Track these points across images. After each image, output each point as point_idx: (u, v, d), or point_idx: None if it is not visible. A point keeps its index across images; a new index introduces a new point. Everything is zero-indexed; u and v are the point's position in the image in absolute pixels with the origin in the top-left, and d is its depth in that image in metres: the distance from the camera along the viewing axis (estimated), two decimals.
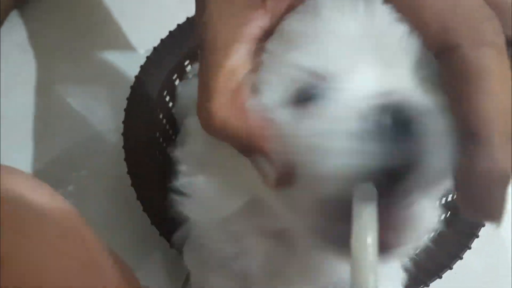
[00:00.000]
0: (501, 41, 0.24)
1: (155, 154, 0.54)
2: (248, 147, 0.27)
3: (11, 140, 0.64)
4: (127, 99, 0.55)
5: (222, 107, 0.27)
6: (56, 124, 0.66)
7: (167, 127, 0.60)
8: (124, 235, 0.60)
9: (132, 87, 0.56)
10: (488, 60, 0.24)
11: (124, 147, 0.52)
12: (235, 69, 0.28)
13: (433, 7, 0.25)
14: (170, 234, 0.41)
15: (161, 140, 0.57)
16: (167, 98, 0.60)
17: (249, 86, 0.28)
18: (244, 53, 0.28)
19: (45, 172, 0.63)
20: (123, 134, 0.53)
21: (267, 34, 0.29)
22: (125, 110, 0.55)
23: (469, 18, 0.24)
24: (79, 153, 0.64)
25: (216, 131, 0.28)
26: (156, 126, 0.56)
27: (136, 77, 0.56)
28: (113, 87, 0.68)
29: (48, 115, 0.66)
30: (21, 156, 0.64)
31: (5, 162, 0.61)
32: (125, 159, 0.50)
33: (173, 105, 0.61)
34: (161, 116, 0.58)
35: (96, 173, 0.63)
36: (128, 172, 0.50)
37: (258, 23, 0.28)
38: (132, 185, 0.50)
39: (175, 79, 0.60)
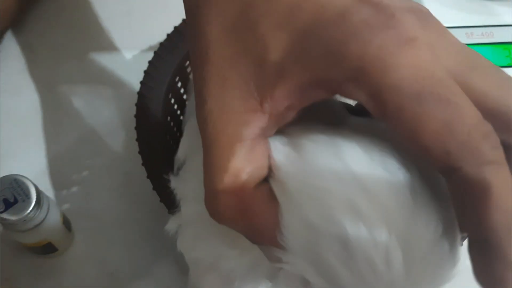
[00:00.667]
0: (499, 156, 0.26)
1: (165, 138, 0.56)
2: (254, 241, 0.31)
3: (18, 138, 0.65)
4: (141, 82, 0.58)
5: (227, 210, 0.30)
6: (63, 121, 0.66)
7: (178, 112, 0.62)
8: (135, 231, 0.61)
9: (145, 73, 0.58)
10: (489, 176, 0.26)
11: (136, 128, 0.55)
12: (238, 171, 0.30)
13: (434, 132, 0.26)
14: None
15: (172, 124, 0.60)
16: (179, 84, 0.62)
17: (253, 183, 0.31)
18: (246, 153, 0.30)
19: (52, 169, 0.63)
20: (135, 115, 0.56)
21: (266, 131, 0.31)
22: (138, 93, 0.58)
23: (467, 140, 0.26)
24: (86, 150, 0.65)
25: (225, 225, 0.31)
26: (167, 110, 0.58)
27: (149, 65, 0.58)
28: (119, 86, 0.68)
29: (55, 112, 0.67)
30: (27, 154, 0.64)
31: (12, 159, 0.62)
32: (137, 139, 0.54)
33: (184, 91, 0.63)
34: (172, 101, 0.60)
35: (104, 170, 0.64)
36: (140, 152, 0.54)
37: (257, 124, 0.30)
38: (143, 164, 0.53)
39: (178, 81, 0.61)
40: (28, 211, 0.49)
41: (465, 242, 0.29)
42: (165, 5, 0.74)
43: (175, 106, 0.62)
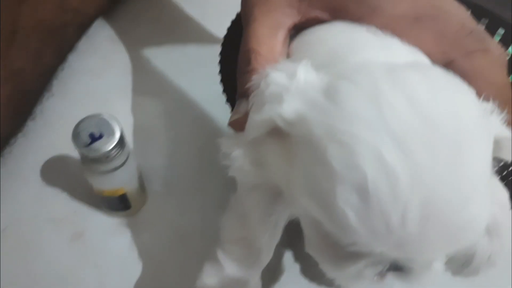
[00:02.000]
0: (483, 45, 0.35)
1: None
2: (247, 74, 0.37)
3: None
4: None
5: (255, 65, 0.37)
6: (140, 102, 0.68)
7: None
8: (206, 199, 0.60)
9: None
10: (476, 62, 0.35)
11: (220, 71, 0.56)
12: (272, 46, 0.38)
13: (432, 41, 0.36)
14: None
15: None
16: None
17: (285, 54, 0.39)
18: (282, 37, 0.39)
19: (131, 137, 0.65)
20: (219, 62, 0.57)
21: (296, 27, 0.40)
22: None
23: (455, 38, 0.35)
24: (163, 123, 0.66)
25: (245, 54, 0.38)
26: None
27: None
28: (197, 71, 0.70)
29: (135, 94, 0.69)
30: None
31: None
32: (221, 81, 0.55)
33: None
34: None
35: (178, 143, 0.64)
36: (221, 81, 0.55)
37: (292, 19, 0.39)
38: (224, 91, 0.54)
39: None
40: (112, 146, 0.49)
41: None
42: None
43: None
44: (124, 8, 0.76)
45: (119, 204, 0.57)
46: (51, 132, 0.65)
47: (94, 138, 0.50)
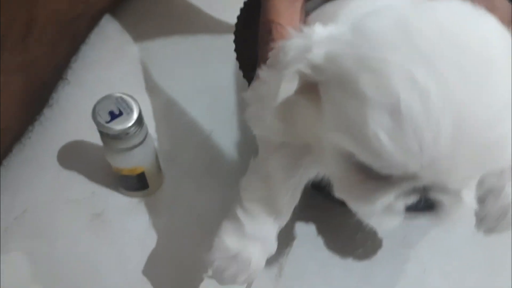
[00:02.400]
0: (491, 3, 0.34)
1: None
2: (268, 43, 0.39)
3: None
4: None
5: (275, 34, 0.39)
6: (157, 88, 0.70)
7: None
8: (221, 180, 0.62)
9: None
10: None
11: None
12: (291, 15, 0.39)
13: None
14: None
15: None
16: None
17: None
18: (299, 8, 0.40)
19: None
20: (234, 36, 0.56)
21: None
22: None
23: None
24: (176, 109, 0.67)
25: (265, 25, 0.40)
26: None
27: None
28: (209, 60, 0.72)
29: (151, 81, 0.70)
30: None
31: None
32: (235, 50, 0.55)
33: None
34: None
35: (192, 126, 0.66)
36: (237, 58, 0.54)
37: None
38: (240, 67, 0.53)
39: None
40: (131, 124, 0.51)
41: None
42: None
43: None
44: (134, 0, 0.78)
45: (137, 183, 0.58)
46: (67, 119, 0.66)
47: (113, 116, 0.51)
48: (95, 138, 0.63)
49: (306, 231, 0.58)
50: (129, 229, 0.59)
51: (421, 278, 0.56)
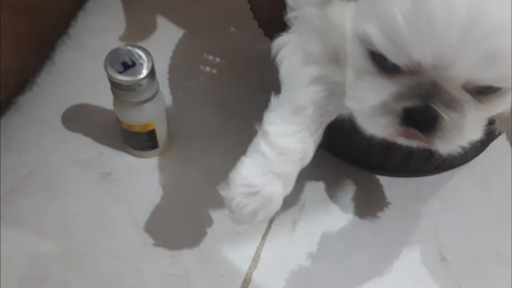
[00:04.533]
0: None
1: None
2: None
3: None
4: None
5: None
6: (164, 53, 0.68)
7: None
8: (229, 140, 0.61)
9: None
10: None
11: None
12: None
13: None
14: None
15: None
16: None
17: None
18: None
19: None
20: None
21: None
22: None
23: None
24: (179, 74, 0.66)
25: None
26: None
27: None
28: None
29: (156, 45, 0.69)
30: None
31: None
32: None
33: None
34: None
35: (201, 90, 0.65)
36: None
37: None
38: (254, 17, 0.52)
39: None
40: (145, 75, 0.50)
41: None
42: None
43: None
44: None
45: (147, 141, 0.57)
46: (71, 81, 0.65)
47: (127, 67, 0.50)
48: (100, 101, 0.64)
49: (317, 190, 0.58)
50: (139, 187, 0.58)
51: (433, 232, 0.56)
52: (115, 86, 0.51)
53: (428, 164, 0.57)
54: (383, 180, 0.59)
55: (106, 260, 0.53)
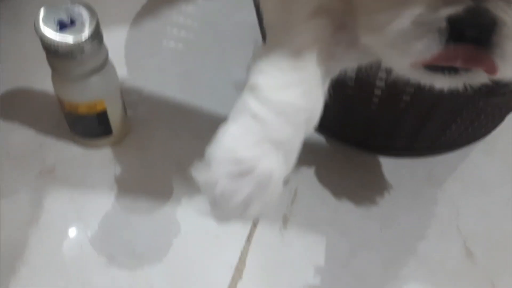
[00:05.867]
0: None
1: None
2: None
3: None
4: None
5: None
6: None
7: None
8: (200, 120, 0.51)
9: None
10: None
11: None
12: None
13: None
14: None
15: None
16: None
17: None
18: None
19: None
20: None
21: None
22: None
23: None
24: (140, 47, 0.56)
25: None
26: None
27: None
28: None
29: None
30: None
31: None
32: None
33: None
34: None
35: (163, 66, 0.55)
36: None
37: None
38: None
39: None
40: (86, 35, 0.39)
41: None
42: None
43: None
44: None
45: (98, 126, 0.46)
46: (4, 62, 0.54)
47: (63, 26, 0.39)
48: (41, 84, 0.52)
49: (310, 177, 0.48)
50: (89, 184, 0.47)
51: (454, 222, 0.46)
52: (51, 53, 0.40)
53: (442, 139, 0.47)
54: (388, 162, 0.49)
55: (47, 277, 0.42)
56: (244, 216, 0.30)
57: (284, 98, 0.29)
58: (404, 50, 0.25)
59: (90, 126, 0.46)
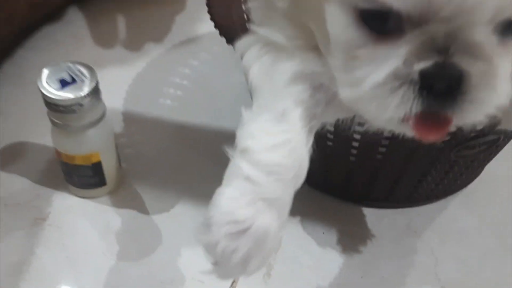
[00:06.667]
0: None
1: None
2: None
3: None
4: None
5: None
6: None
7: None
8: (191, 173, 0.54)
9: None
10: None
11: None
12: None
13: None
14: None
15: None
16: None
17: None
18: None
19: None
20: None
21: None
22: None
23: None
24: (139, 106, 0.59)
25: None
26: None
27: None
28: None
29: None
30: None
31: None
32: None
33: None
34: None
35: (157, 122, 0.58)
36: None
37: None
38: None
39: None
40: (87, 92, 0.42)
41: None
42: None
43: None
44: None
45: (92, 177, 0.48)
46: (6, 118, 0.57)
47: (64, 84, 0.43)
48: (41, 139, 0.55)
49: (294, 226, 0.50)
50: (81, 233, 0.48)
51: (433, 270, 0.47)
52: (51, 108, 0.43)
53: (419, 190, 0.50)
54: (369, 212, 0.51)
55: None
56: (246, 272, 0.32)
57: (272, 159, 0.31)
58: (380, 104, 0.28)
59: (85, 177, 0.48)
